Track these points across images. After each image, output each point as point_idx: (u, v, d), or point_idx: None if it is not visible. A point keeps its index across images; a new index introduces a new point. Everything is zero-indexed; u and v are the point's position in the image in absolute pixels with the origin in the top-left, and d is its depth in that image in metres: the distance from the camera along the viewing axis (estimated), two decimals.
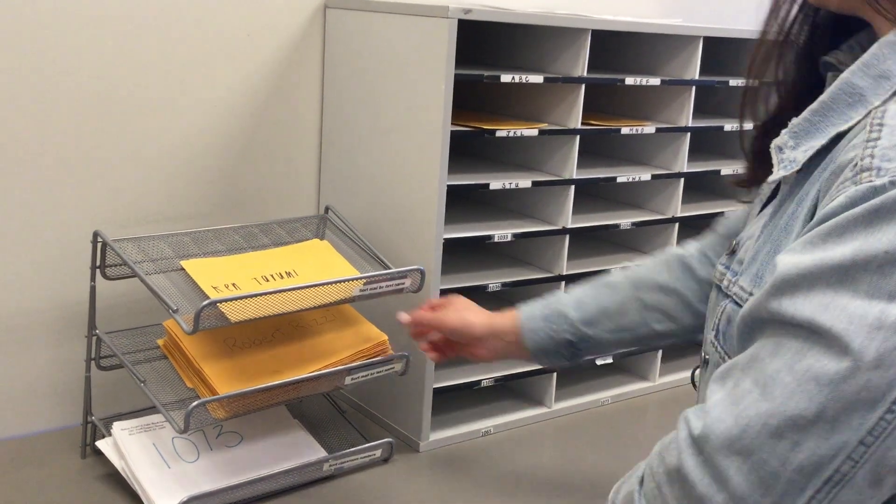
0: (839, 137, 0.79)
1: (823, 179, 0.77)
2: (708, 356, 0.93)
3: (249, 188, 1.57)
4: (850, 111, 0.79)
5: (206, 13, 1.46)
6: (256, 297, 1.20)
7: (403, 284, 1.35)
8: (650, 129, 1.64)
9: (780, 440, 0.67)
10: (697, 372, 1.00)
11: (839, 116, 0.80)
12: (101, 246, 1.30)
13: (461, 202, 1.61)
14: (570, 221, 1.56)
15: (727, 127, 1.75)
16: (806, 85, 0.92)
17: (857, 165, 0.70)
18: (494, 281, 1.51)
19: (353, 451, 1.38)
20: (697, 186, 1.90)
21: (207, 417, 1.23)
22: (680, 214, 1.71)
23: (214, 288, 1.25)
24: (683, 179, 1.70)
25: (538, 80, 1.46)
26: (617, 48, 1.73)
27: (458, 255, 1.56)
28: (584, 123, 1.54)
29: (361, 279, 1.31)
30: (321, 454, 1.37)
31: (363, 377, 1.34)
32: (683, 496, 0.72)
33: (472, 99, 1.67)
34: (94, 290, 1.32)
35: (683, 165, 1.69)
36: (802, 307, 0.68)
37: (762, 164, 0.97)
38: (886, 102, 0.76)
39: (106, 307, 1.40)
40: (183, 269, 1.30)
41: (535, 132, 1.49)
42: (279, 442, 1.37)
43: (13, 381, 1.42)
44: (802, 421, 0.67)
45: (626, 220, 1.66)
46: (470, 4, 1.43)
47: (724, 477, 0.70)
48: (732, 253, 0.92)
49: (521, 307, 1.26)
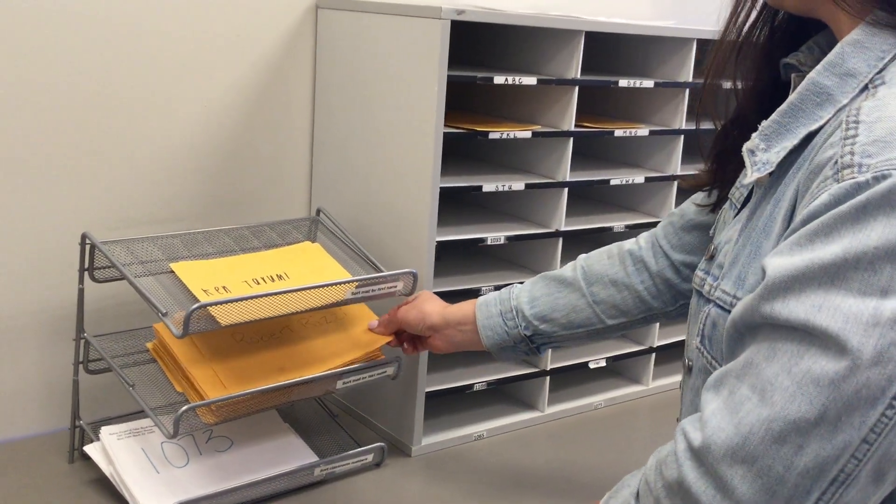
0: (810, 137, 0.80)
1: (801, 179, 0.78)
2: (692, 362, 0.92)
3: (240, 190, 1.56)
4: (819, 111, 0.80)
5: (195, 14, 1.44)
6: (247, 300, 1.19)
7: (395, 287, 1.34)
8: (644, 131, 1.64)
9: (783, 445, 0.67)
10: None
11: (809, 116, 0.81)
12: (89, 248, 1.28)
13: (454, 204, 1.60)
14: (563, 224, 1.55)
15: None
16: (765, 87, 0.93)
17: (837, 163, 0.70)
18: (487, 284, 1.50)
19: (344, 455, 1.37)
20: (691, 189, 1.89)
21: (197, 422, 1.21)
22: None
23: (204, 291, 1.23)
24: (677, 182, 1.69)
25: (531, 81, 1.46)
26: (611, 50, 1.72)
27: (450, 257, 1.55)
28: (577, 125, 1.54)
29: (353, 282, 1.30)
30: (312, 459, 1.36)
31: (355, 381, 1.34)
32: None
33: (465, 100, 1.66)
34: (82, 292, 1.31)
35: (677, 168, 1.69)
36: (796, 309, 0.68)
37: (722, 165, 0.99)
38: (855, 100, 0.76)
39: (94, 310, 1.39)
40: (172, 271, 1.29)
41: (528, 134, 1.48)
42: (270, 446, 1.36)
43: (0, 384, 1.41)
44: (805, 424, 0.67)
45: (619, 222, 1.65)
46: (463, 5, 1.42)
47: (728, 486, 0.69)
48: (711, 258, 0.93)
49: (477, 301, 1.29)
